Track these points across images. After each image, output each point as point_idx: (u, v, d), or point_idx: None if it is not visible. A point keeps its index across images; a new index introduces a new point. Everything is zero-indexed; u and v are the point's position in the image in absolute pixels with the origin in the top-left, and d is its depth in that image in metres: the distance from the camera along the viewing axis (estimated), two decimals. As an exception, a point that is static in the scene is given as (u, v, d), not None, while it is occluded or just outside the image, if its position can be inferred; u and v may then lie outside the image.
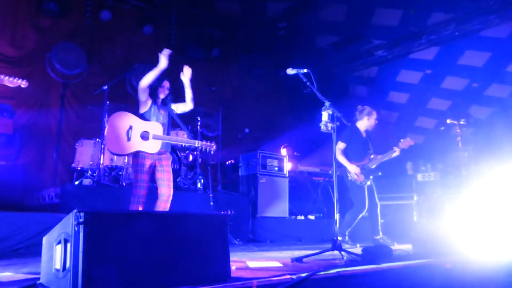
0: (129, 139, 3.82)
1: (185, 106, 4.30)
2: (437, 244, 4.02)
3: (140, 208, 3.83)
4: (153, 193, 4.10)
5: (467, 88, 9.11)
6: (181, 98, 4.34)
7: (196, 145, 4.10)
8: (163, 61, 4.02)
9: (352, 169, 5.17)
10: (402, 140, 5.28)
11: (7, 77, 3.85)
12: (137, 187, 3.85)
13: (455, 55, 8.61)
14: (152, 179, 4.05)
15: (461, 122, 6.12)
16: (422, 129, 10.11)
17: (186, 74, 4.28)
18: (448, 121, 6.15)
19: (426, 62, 9.10)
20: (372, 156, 5.34)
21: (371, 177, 5.28)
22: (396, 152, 5.26)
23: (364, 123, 5.45)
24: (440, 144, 8.54)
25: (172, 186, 4.03)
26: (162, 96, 4.16)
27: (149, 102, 4.06)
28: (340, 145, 5.27)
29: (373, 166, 5.31)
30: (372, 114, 5.44)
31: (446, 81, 9.21)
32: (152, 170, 3.99)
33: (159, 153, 3.96)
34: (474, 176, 7.02)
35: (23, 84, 3.97)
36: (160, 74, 4.05)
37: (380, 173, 5.34)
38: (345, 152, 5.29)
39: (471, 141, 8.04)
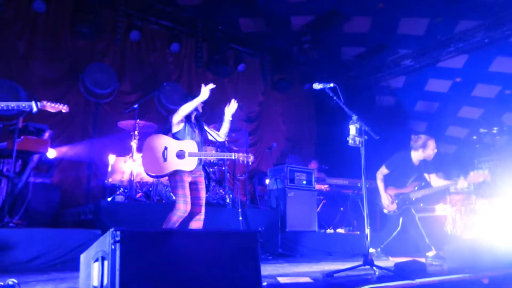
0: (165, 159, 3.85)
1: (217, 137, 4.25)
2: (473, 258, 3.90)
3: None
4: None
5: (500, 95, 8.87)
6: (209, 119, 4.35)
7: (233, 158, 4.05)
8: (205, 94, 3.96)
9: (382, 198, 4.97)
10: (472, 172, 4.58)
11: (48, 103, 3.92)
12: (180, 202, 3.82)
13: (486, 62, 8.43)
14: None
15: (494, 131, 5.91)
16: (454, 138, 9.87)
17: (231, 108, 4.22)
18: (481, 130, 5.95)
19: (455, 70, 8.93)
20: (417, 188, 4.91)
21: (408, 207, 4.87)
22: (458, 184, 4.58)
23: (419, 154, 5.00)
24: (473, 153, 8.31)
25: (204, 204, 4.03)
26: (195, 113, 4.13)
27: (182, 122, 4.04)
28: (383, 170, 5.01)
29: (414, 197, 4.87)
30: (428, 145, 4.94)
31: (477, 88, 9.01)
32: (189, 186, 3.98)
33: (195, 171, 3.97)
34: (509, 186, 6.79)
35: (64, 109, 4.02)
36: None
37: (422, 204, 4.91)
38: (386, 177, 5.01)
39: (505, 150, 7.80)
